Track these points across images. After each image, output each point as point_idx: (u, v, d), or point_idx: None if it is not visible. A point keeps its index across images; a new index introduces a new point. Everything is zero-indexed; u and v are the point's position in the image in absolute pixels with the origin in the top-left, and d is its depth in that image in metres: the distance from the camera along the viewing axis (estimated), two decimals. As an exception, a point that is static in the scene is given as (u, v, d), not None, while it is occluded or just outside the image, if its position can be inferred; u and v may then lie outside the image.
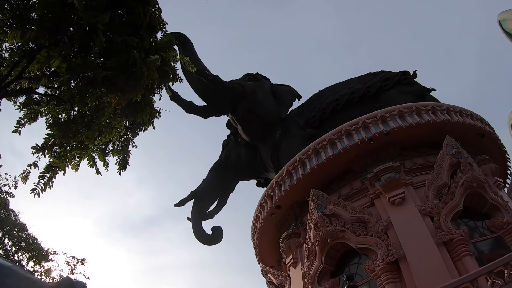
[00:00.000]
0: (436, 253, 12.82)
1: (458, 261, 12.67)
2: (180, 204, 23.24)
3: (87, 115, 9.01)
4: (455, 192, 13.85)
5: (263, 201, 18.23)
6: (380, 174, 14.90)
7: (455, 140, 14.98)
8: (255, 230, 19.36)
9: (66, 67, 7.86)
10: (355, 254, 14.58)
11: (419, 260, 12.83)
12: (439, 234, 13.10)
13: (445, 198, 13.87)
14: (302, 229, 17.12)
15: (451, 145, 14.93)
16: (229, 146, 24.49)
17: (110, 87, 8.46)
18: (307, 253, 15.29)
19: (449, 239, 12.92)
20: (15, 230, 20.48)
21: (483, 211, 14.27)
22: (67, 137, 8.64)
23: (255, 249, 20.29)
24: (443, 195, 14.01)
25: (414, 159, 15.90)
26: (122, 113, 9.17)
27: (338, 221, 14.38)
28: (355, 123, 15.95)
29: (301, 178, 16.06)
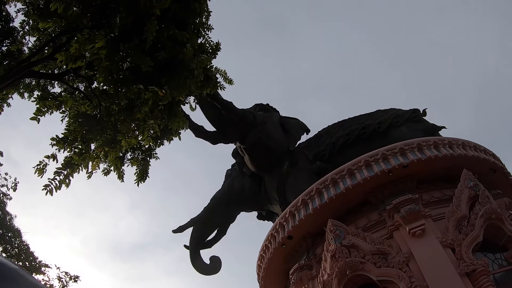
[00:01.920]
0: (460, 284, 12.61)
1: None
2: (179, 231, 22.70)
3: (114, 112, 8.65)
4: (475, 224, 13.81)
5: (274, 231, 17.89)
6: (400, 205, 14.78)
7: (472, 174, 15.16)
8: (262, 261, 18.92)
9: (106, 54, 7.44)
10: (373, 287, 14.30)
11: (444, 292, 12.64)
12: (461, 265, 12.92)
13: (465, 229, 13.80)
14: (314, 262, 16.75)
15: (469, 178, 15.01)
16: (233, 175, 24.21)
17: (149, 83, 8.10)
18: (322, 286, 14.88)
19: (472, 270, 12.76)
20: (9, 235, 19.68)
21: (500, 243, 14.18)
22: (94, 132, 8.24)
23: (260, 281, 19.80)
24: (463, 227, 13.95)
25: (431, 192, 15.88)
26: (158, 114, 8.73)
27: (358, 253, 14.13)
28: (374, 155, 15.98)
29: (318, 207, 15.88)
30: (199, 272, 22.20)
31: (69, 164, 8.35)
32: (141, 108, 8.29)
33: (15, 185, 21.97)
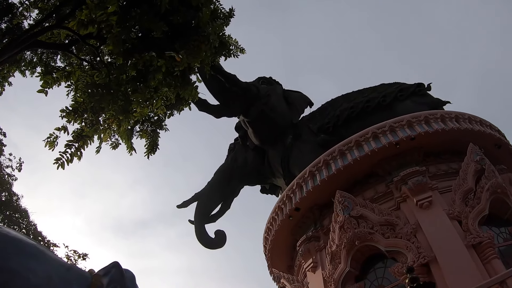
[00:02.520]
0: (466, 255, 12.79)
1: (487, 263, 12.69)
2: (183, 206, 22.66)
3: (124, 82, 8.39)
4: (481, 197, 13.95)
5: (281, 203, 17.90)
6: (407, 177, 14.83)
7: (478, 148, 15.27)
8: (269, 234, 18.97)
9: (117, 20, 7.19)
10: (380, 258, 14.42)
11: (451, 262, 12.77)
12: (468, 237, 13.07)
13: (471, 202, 13.94)
14: (322, 233, 16.83)
15: (475, 152, 15.09)
16: (236, 149, 24.01)
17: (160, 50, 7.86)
18: (330, 257, 15.00)
19: (478, 242, 12.93)
20: (16, 216, 19.43)
21: (505, 217, 14.43)
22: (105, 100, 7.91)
23: (267, 254, 19.94)
24: (469, 200, 14.08)
25: (438, 165, 15.96)
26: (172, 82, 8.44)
27: (366, 223, 14.24)
28: (382, 127, 15.92)
29: (326, 179, 15.87)
30: (204, 246, 22.16)
31: (80, 136, 8.11)
32: (155, 75, 8.09)
33: (20, 165, 21.47)
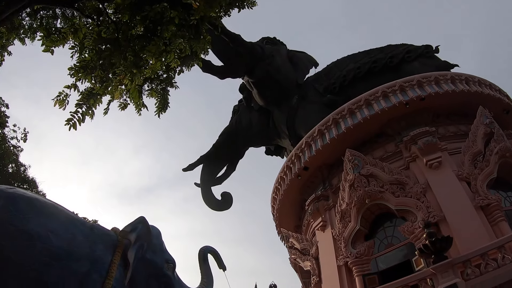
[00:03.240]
0: (475, 216, 12.77)
1: (495, 225, 12.71)
2: (189, 169, 22.58)
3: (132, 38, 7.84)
4: (489, 160, 13.88)
5: (289, 162, 17.64)
6: (417, 137, 14.64)
7: (488, 111, 15.14)
8: (277, 194, 18.85)
9: None
10: (389, 217, 14.39)
11: (460, 222, 12.75)
12: (476, 198, 13.02)
13: (480, 165, 13.86)
14: (331, 192, 16.75)
15: (485, 115, 14.93)
16: (240, 111, 23.69)
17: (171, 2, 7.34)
18: (340, 215, 14.92)
19: (486, 204, 12.90)
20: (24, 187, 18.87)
21: (512, 181, 14.42)
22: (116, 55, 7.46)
23: (275, 213, 19.88)
24: (478, 162, 13.98)
25: (447, 127, 15.79)
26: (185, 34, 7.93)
27: (376, 182, 14.10)
28: (392, 86, 15.60)
29: (336, 137, 15.62)
30: (211, 208, 22.27)
31: (91, 95, 7.59)
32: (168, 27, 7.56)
33: (25, 136, 21.02)
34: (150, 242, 7.89)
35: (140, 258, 7.57)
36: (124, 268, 7.16)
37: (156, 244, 8.13)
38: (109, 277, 6.70)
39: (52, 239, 6.31)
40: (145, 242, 7.75)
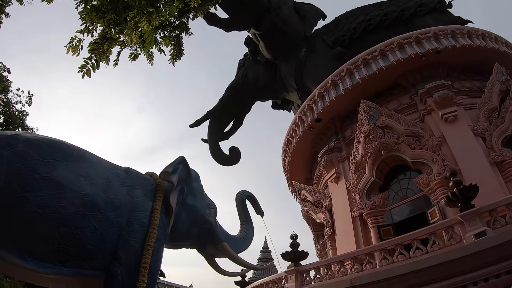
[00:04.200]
0: (490, 171, 12.47)
1: (508, 182, 12.45)
2: (196, 125, 22.06)
3: None
4: (505, 117, 13.49)
5: (301, 114, 16.99)
6: (433, 90, 14.14)
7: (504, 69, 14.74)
8: (288, 146, 18.32)
9: None
10: (404, 169, 13.98)
11: (475, 177, 12.36)
12: (491, 154, 12.70)
13: (495, 121, 13.50)
14: (344, 144, 16.31)
15: (501, 72, 14.49)
16: (246, 65, 22.92)
17: None
18: (354, 167, 14.47)
19: (501, 161, 12.59)
20: None
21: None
22: None
23: (286, 166, 19.39)
24: (493, 119, 13.62)
25: (462, 82, 15.28)
26: None
27: (392, 134, 13.63)
28: (407, 37, 14.92)
29: (350, 88, 14.97)
30: (219, 163, 21.88)
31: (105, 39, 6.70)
32: None
33: (30, 99, 19.93)
34: (190, 186, 7.06)
35: (181, 204, 6.78)
36: (166, 215, 6.38)
37: (196, 187, 7.26)
38: (152, 225, 5.92)
39: (84, 186, 5.41)
40: (186, 186, 6.91)
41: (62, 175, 5.22)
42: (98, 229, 5.35)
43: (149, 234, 5.79)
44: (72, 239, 5.10)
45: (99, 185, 5.62)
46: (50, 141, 5.50)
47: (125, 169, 6.49)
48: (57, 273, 5.07)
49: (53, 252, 5.02)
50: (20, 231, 4.79)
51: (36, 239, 4.90)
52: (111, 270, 5.47)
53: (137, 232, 5.76)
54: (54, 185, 5.06)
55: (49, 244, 5.00)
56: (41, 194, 4.92)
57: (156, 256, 5.87)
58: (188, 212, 6.82)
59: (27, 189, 4.85)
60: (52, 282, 5.54)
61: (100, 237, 5.37)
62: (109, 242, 5.49)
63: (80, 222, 5.20)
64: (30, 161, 5.01)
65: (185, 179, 6.86)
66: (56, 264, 5.03)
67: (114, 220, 5.56)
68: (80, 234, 5.16)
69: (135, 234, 5.74)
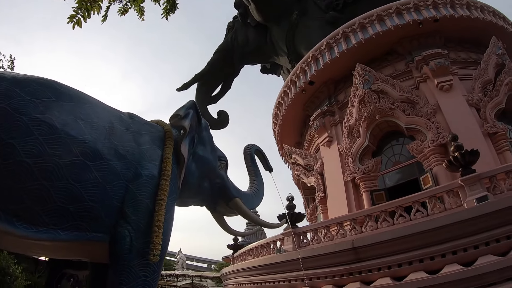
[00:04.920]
0: (483, 142, 12.26)
1: (500, 154, 12.33)
2: (183, 88, 21.35)
3: None
4: (499, 90, 13.33)
5: (294, 76, 16.37)
6: (429, 58, 13.75)
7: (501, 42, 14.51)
8: (280, 109, 17.71)
9: None
10: (397, 135, 13.65)
11: (468, 146, 12.20)
12: (485, 125, 12.53)
13: (490, 93, 13.30)
14: (337, 108, 15.86)
15: (497, 46, 14.24)
16: (236, 28, 22.14)
17: None
18: (348, 131, 14.06)
19: (493, 132, 12.46)
20: None
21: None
22: None
23: (277, 129, 18.83)
24: (488, 91, 13.43)
25: (458, 52, 14.94)
26: None
27: (387, 99, 13.22)
28: (406, 3, 14.40)
29: (345, 51, 14.40)
30: None
31: None
32: None
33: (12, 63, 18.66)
34: (200, 135, 6.05)
35: (192, 155, 5.77)
36: (176, 166, 5.37)
37: (206, 137, 6.22)
38: (164, 176, 4.91)
39: (84, 130, 4.35)
40: (196, 134, 5.90)
41: (56, 117, 4.14)
42: (101, 182, 4.35)
43: (161, 187, 4.81)
44: (69, 196, 4.11)
45: (101, 130, 4.57)
46: (41, 79, 4.42)
47: (129, 114, 5.44)
48: (53, 239, 4.07)
49: (47, 213, 4.01)
50: (4, 188, 3.79)
51: (25, 197, 3.88)
52: (118, 232, 4.51)
53: (146, 185, 4.76)
54: (46, 129, 4.00)
55: (42, 203, 3.97)
56: (30, 140, 3.86)
57: (169, 213, 4.91)
58: (199, 164, 5.84)
59: (12, 135, 3.78)
60: (46, 250, 4.68)
61: (103, 192, 4.37)
62: (114, 198, 4.50)
63: (79, 174, 4.18)
64: (16, 101, 3.92)
65: (196, 126, 5.86)
66: (51, 227, 4.04)
67: (119, 172, 4.56)
68: (79, 189, 4.16)
69: (145, 188, 4.74)
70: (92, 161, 4.30)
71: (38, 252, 4.71)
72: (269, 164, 7.09)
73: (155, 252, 4.50)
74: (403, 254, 8.33)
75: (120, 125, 4.94)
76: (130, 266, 4.45)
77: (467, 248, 8.24)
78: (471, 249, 8.21)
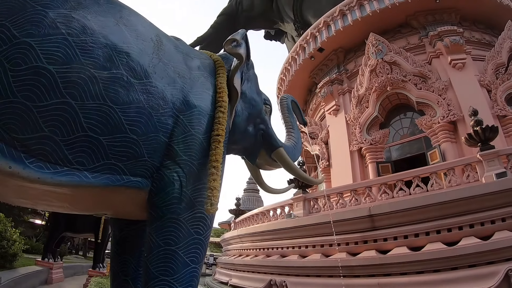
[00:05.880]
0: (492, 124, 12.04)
1: (508, 137, 12.16)
2: None
3: None
4: None
5: (303, 42, 15.66)
6: (444, 34, 13.28)
7: (516, 27, 14.12)
8: (286, 75, 17.03)
9: None
10: (406, 109, 13.22)
11: (478, 126, 12.05)
12: (495, 107, 12.21)
13: (502, 76, 12.93)
14: (345, 77, 15.31)
15: (512, 30, 14.00)
16: None
17: None
18: (356, 100, 13.56)
19: (503, 115, 12.18)
20: None
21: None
22: None
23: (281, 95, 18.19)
24: (500, 74, 13.09)
25: (472, 32, 14.47)
26: None
27: (400, 71, 12.74)
28: (425, -24, 13.95)
29: (359, 20, 13.78)
30: None
31: None
32: None
33: None
34: (248, 72, 4.80)
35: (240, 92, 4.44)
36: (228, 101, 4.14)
37: (252, 76, 4.99)
38: (221, 108, 3.80)
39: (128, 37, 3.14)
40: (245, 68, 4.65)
41: (92, 15, 2.89)
42: (146, 108, 3.11)
43: (218, 120, 3.68)
44: (104, 123, 2.85)
45: (148, 42, 3.35)
46: None
47: (174, 36, 4.39)
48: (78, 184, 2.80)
49: (70, 146, 2.72)
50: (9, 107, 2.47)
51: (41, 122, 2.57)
52: (163, 176, 3.33)
53: (201, 118, 3.61)
54: (78, 29, 2.72)
55: (65, 131, 2.67)
56: (55, 41, 2.58)
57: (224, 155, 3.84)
58: (246, 105, 4.63)
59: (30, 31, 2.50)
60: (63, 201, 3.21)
61: (148, 122, 3.15)
62: (161, 130, 3.28)
63: (120, 93, 2.93)
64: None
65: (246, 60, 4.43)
66: (76, 167, 2.77)
67: (168, 97, 3.37)
68: (118, 114, 2.91)
69: (198, 121, 3.60)
70: (138, 78, 3.11)
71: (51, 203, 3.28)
72: (303, 117, 6.22)
73: (213, 201, 3.40)
74: (420, 224, 7.95)
75: (167, 41, 3.75)
76: (179, 221, 3.34)
77: (484, 222, 7.93)
78: (488, 224, 7.89)
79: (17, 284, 9.16)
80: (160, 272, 3.20)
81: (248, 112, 4.65)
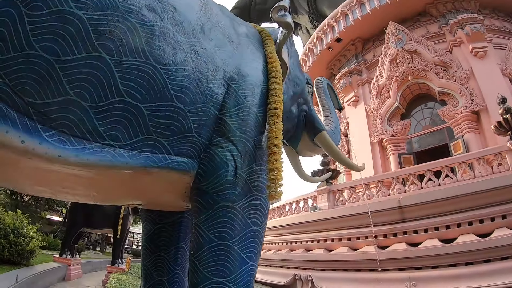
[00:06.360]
0: (515, 113, 11.72)
1: None
2: None
3: None
4: (535, 63, 12.70)
5: (321, 32, 15.33)
6: (464, 22, 12.87)
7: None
8: (303, 67, 16.74)
9: None
10: (427, 99, 12.87)
11: (500, 116, 11.68)
12: (519, 96, 11.95)
13: (524, 65, 12.66)
14: (364, 67, 14.97)
15: (535, 18, 13.57)
16: None
17: None
18: (376, 91, 13.23)
19: None
20: None
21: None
22: None
23: None
24: (522, 62, 12.79)
25: (492, 20, 14.04)
26: None
27: (421, 60, 12.38)
28: (444, -37, 13.54)
29: (377, 8, 13.41)
30: None
31: None
32: None
33: None
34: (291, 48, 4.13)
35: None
36: None
37: (294, 53, 4.35)
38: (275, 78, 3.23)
39: None
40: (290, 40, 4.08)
41: None
42: (195, 71, 2.57)
43: (274, 92, 3.16)
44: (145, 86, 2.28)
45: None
46: None
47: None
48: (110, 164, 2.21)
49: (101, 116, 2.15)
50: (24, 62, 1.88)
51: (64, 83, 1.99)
52: (215, 155, 2.74)
53: (255, 89, 3.09)
54: None
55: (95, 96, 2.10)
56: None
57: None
58: (291, 82, 3.97)
59: None
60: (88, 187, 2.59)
61: (198, 88, 2.59)
62: (211, 100, 2.72)
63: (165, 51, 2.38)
64: None
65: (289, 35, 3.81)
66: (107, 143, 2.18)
67: (218, 62, 2.82)
68: (163, 77, 2.35)
69: (252, 92, 3.05)
70: (185, 36, 2.56)
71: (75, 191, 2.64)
72: (339, 101, 5.74)
73: (277, 184, 2.86)
74: (451, 216, 7.66)
75: (213, 5, 3.18)
76: (234, 209, 2.77)
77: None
78: (519, 215, 7.61)
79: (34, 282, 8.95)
80: (212, 272, 2.65)
81: (292, 91, 4.01)
